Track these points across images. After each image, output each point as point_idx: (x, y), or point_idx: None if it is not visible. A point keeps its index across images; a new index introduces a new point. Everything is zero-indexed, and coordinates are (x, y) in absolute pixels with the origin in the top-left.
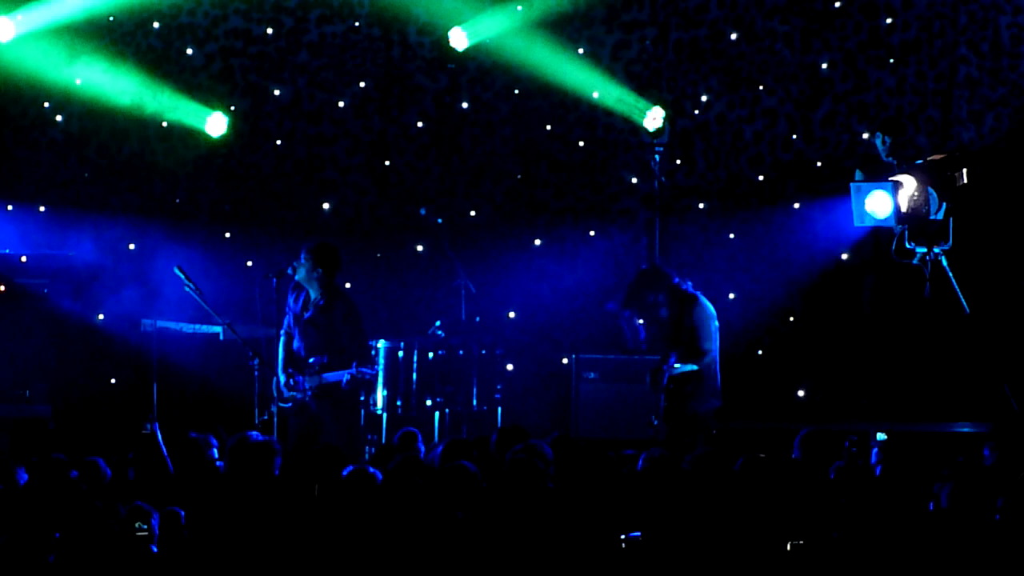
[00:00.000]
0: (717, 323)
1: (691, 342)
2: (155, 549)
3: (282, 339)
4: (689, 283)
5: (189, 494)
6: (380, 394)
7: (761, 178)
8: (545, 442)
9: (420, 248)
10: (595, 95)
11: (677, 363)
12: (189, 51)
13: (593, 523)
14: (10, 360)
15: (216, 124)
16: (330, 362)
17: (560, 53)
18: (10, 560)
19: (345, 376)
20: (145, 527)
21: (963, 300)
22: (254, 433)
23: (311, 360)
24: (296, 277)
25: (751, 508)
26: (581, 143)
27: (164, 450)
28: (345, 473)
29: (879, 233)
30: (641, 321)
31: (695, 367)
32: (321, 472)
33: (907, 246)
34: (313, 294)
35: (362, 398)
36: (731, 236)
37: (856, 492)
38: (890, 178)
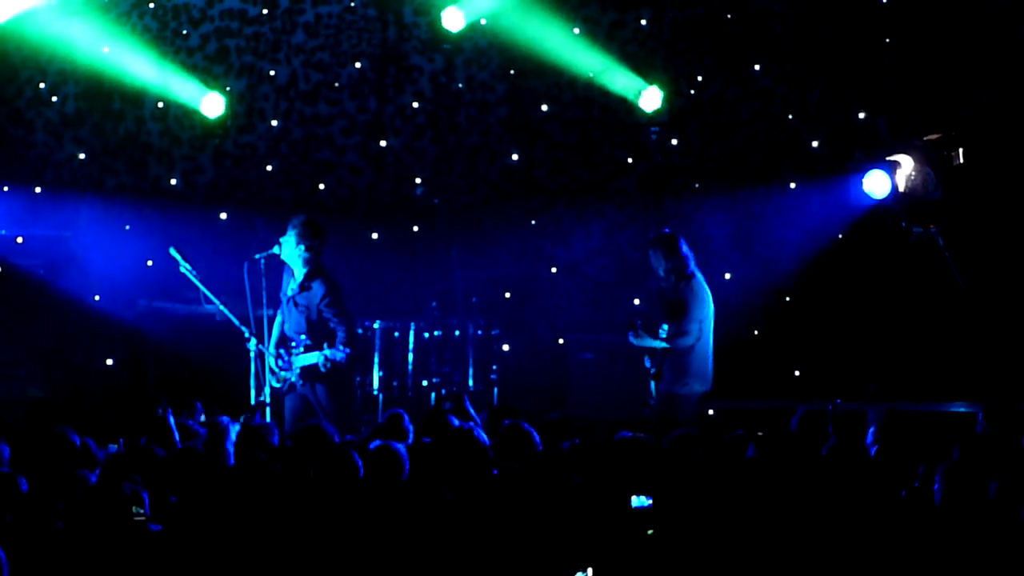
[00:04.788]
0: (711, 308)
1: (676, 319)
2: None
3: (277, 318)
4: (696, 269)
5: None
6: (376, 375)
7: (757, 158)
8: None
9: (416, 228)
10: (591, 75)
11: (657, 336)
12: (185, 31)
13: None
14: (6, 341)
15: (212, 105)
16: (313, 344)
17: (556, 33)
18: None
19: (320, 358)
20: (142, 511)
21: (959, 279)
22: (224, 418)
23: (296, 340)
24: (281, 256)
25: (733, 488)
26: (577, 123)
27: (176, 434)
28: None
29: (876, 212)
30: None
31: (664, 344)
32: (308, 453)
33: (903, 225)
34: (296, 273)
35: (358, 379)
36: (727, 215)
37: (850, 471)
38: (887, 158)
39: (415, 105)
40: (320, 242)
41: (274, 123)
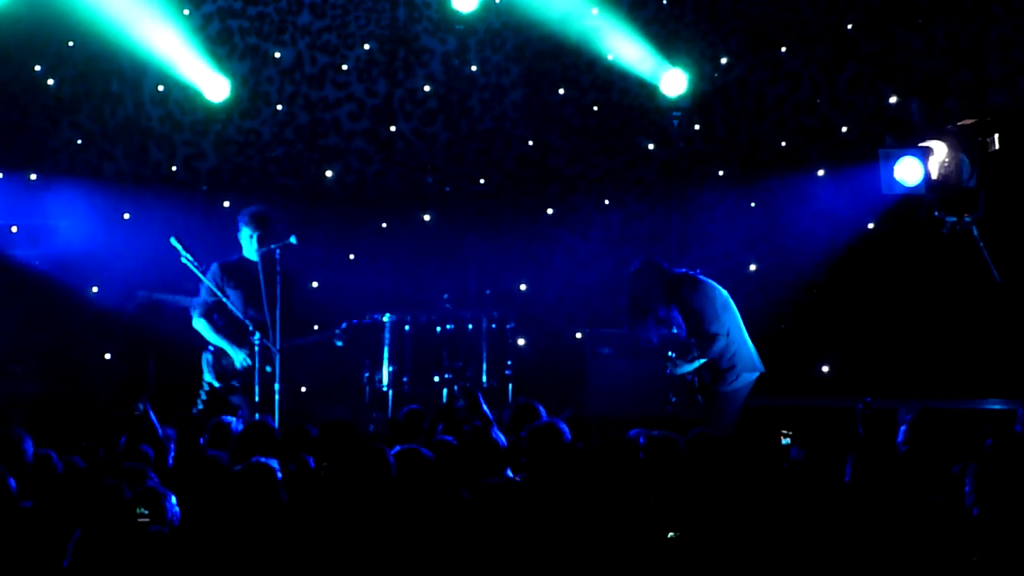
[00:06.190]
0: (725, 298)
1: (696, 329)
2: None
3: (209, 318)
4: (684, 268)
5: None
6: (385, 370)
7: (784, 144)
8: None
9: (427, 218)
10: (610, 57)
11: (692, 357)
12: (186, 11)
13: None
14: (0, 334)
15: (215, 88)
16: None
17: (573, 13)
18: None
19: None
20: (147, 512)
21: (994, 270)
22: (228, 418)
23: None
24: (272, 247)
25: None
26: (595, 107)
27: (159, 430)
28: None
29: (908, 201)
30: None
31: (702, 360)
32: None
33: (936, 214)
34: (265, 262)
35: (366, 375)
36: (752, 205)
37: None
38: (920, 144)
39: (426, 89)
40: None
41: (279, 107)
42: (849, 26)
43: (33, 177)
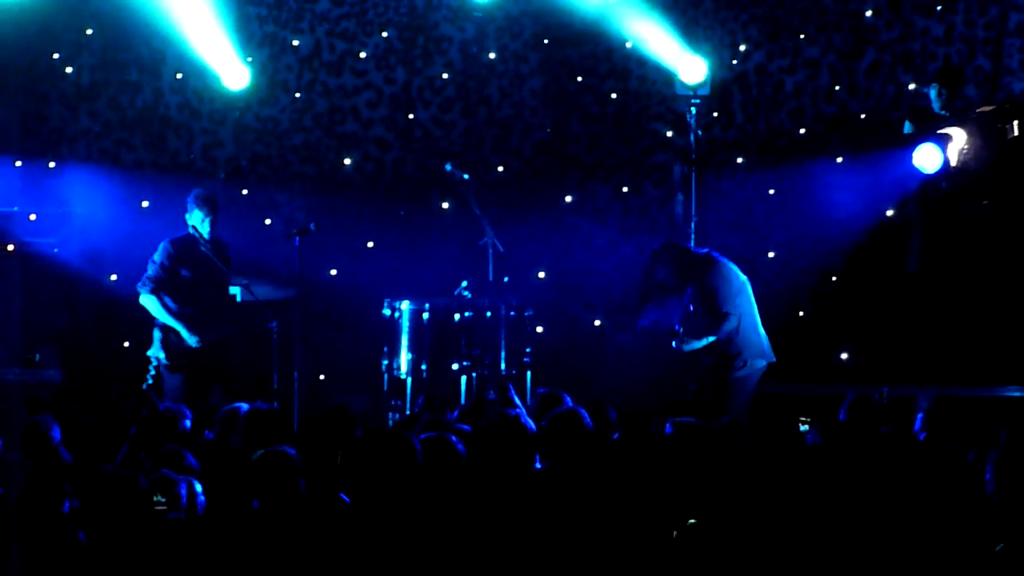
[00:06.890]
0: (743, 282)
1: (710, 308)
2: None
3: (163, 297)
4: (706, 248)
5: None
6: (404, 358)
7: (803, 131)
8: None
9: (445, 205)
10: (628, 45)
11: (703, 334)
12: None
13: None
14: (20, 322)
15: (234, 76)
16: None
17: (592, 1)
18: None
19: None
20: (164, 499)
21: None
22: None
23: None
24: (210, 231)
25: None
26: (614, 95)
27: (165, 423)
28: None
29: (927, 188)
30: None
31: (712, 338)
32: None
33: (956, 201)
34: (215, 246)
35: (385, 363)
36: (771, 192)
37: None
38: (939, 131)
39: (445, 76)
40: None
41: (297, 95)
42: (868, 13)
43: (52, 165)
